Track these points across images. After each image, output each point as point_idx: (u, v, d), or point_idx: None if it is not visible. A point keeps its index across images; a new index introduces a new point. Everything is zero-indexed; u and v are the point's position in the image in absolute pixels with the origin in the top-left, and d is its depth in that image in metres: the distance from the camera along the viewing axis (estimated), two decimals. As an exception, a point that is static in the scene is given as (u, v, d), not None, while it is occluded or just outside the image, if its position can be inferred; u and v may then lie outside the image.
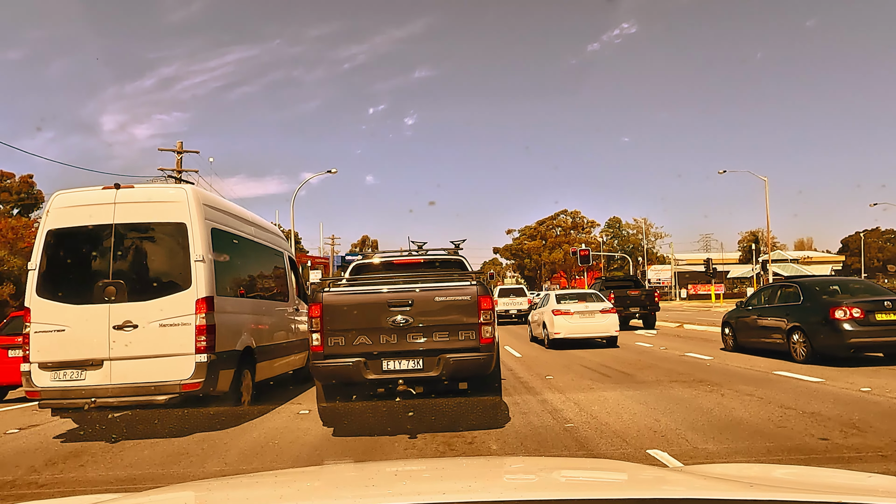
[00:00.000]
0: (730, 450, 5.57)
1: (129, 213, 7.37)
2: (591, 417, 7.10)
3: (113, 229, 7.29)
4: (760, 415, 6.93)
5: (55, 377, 7.06)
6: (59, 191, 7.64)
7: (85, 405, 6.91)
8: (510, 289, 31.45)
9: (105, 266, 7.30)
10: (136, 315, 7.13)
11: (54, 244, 7.41)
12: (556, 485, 1.99)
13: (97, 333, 7.06)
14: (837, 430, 6.07)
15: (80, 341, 7.07)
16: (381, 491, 1.83)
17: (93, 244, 7.46)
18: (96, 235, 7.37)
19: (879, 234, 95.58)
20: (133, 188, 7.67)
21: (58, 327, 7.13)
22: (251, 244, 9.40)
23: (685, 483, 1.92)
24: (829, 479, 2.12)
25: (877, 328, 10.54)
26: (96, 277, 7.26)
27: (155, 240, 7.60)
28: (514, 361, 13.46)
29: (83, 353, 7.05)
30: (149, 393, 7.01)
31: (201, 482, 2.64)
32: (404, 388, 6.32)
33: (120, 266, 7.31)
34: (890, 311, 10.63)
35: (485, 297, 6.38)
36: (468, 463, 3.23)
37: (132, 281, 7.28)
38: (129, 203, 7.40)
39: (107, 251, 7.32)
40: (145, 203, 7.49)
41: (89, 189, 7.61)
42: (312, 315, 6.34)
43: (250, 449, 6.33)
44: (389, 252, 8.87)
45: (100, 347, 7.01)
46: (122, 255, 7.38)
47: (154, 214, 7.46)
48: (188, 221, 7.31)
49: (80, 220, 7.40)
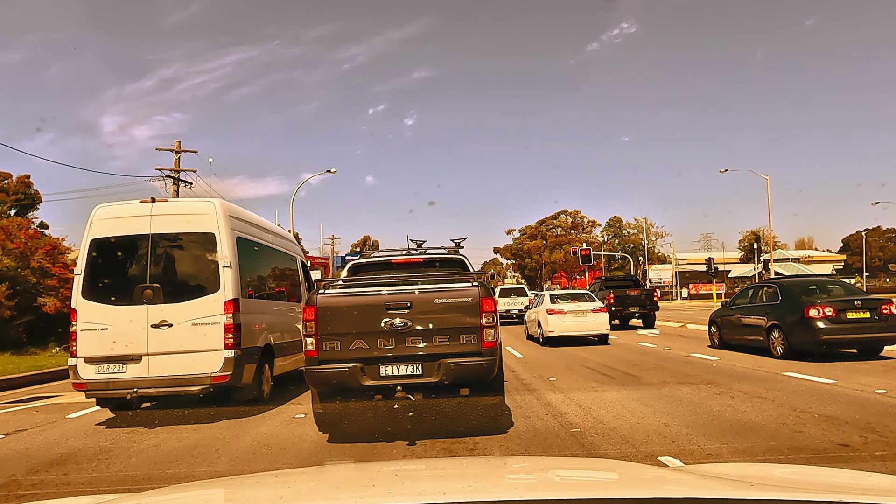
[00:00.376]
0: (745, 457, 5.31)
1: (164, 224, 8.18)
2: (596, 421, 6.83)
3: (149, 239, 8.12)
4: (774, 418, 6.67)
5: (99, 370, 7.87)
6: (100, 203, 8.43)
7: (127, 395, 7.80)
8: (511, 289, 31.33)
9: (143, 271, 8.11)
10: (171, 315, 7.91)
11: (97, 252, 8.18)
12: (557, 485, 1.98)
13: (136, 331, 7.87)
14: (857, 435, 5.80)
15: (121, 338, 7.87)
16: (381, 491, 1.81)
17: (131, 252, 8.28)
18: (135, 244, 8.20)
19: (880, 233, 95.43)
20: (167, 201, 8.63)
21: (101, 326, 7.94)
22: (269, 250, 10.18)
23: (686, 482, 1.91)
24: (830, 479, 2.12)
25: (847, 326, 11.34)
26: (135, 281, 8.06)
27: (187, 248, 8.40)
28: (515, 363, 13.20)
29: (124, 348, 7.84)
30: (183, 384, 7.82)
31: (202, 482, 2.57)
32: (403, 394, 6.04)
33: (156, 271, 8.12)
34: (860, 310, 11.45)
35: (486, 298, 6.09)
36: (469, 463, 3.17)
37: (167, 284, 8.06)
38: (163, 215, 8.22)
39: (144, 258, 8.14)
40: (178, 215, 8.35)
41: (128, 202, 8.47)
42: (306, 318, 6.06)
43: (241, 457, 6.06)
44: (388, 251, 8.60)
45: (139, 344, 7.82)
46: (157, 262, 8.20)
47: (186, 225, 8.28)
48: (216, 231, 8.13)
49: (120, 231, 8.22)
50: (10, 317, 16.93)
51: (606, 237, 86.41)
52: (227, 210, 8.52)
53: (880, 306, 11.58)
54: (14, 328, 17.07)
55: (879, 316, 11.45)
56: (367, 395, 6.26)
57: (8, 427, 8.00)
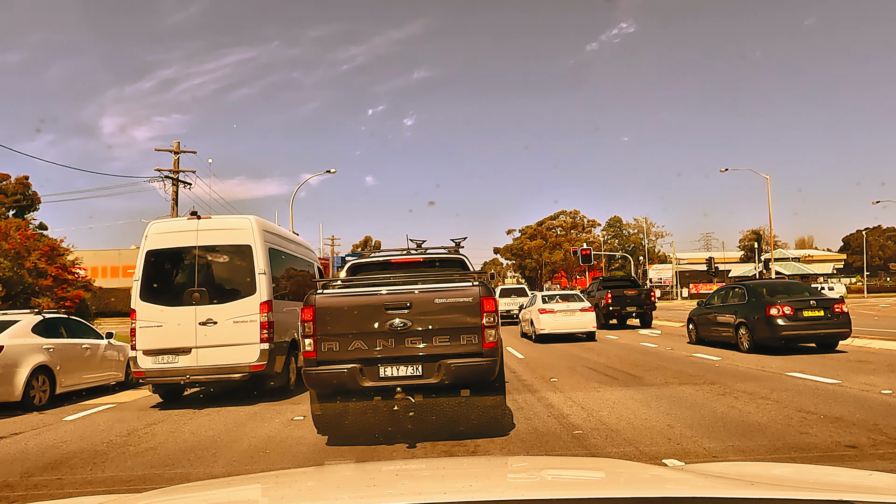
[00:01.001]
0: (750, 459, 5.20)
1: (208, 238, 9.52)
2: (599, 423, 6.74)
3: (196, 250, 9.44)
4: (779, 420, 6.57)
5: (156, 361, 9.16)
6: (154, 220, 9.91)
7: (181, 381, 9.14)
8: (511, 289, 31.33)
9: (191, 277, 9.40)
10: (216, 314, 9.24)
11: (152, 261, 9.49)
12: (558, 484, 1.97)
13: (187, 328, 9.15)
14: (864, 437, 5.71)
15: (173, 334, 9.16)
16: (381, 491, 1.80)
17: (181, 261, 9.61)
18: (184, 254, 9.54)
19: (881, 233, 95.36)
20: (210, 218, 9.87)
21: (156, 324, 9.23)
22: (292, 258, 11.48)
23: (687, 481, 1.91)
24: (830, 477, 2.11)
25: (803, 323, 12.69)
26: (184, 286, 9.37)
27: (228, 257, 9.71)
28: (516, 363, 13.11)
29: (176, 342, 9.14)
30: (226, 372, 9.13)
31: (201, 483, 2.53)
32: (402, 395, 5.94)
33: (202, 277, 9.42)
34: (815, 309, 12.79)
35: (487, 298, 5.99)
36: (470, 463, 3.15)
37: (212, 288, 9.38)
38: (207, 230, 9.53)
39: (192, 266, 9.45)
40: (220, 230, 9.63)
41: (177, 219, 10.35)
42: (304, 319, 5.96)
43: (239, 459, 5.97)
44: (387, 251, 8.52)
45: (189, 338, 9.11)
46: (203, 269, 9.49)
47: (227, 238, 9.60)
48: (252, 244, 9.43)
49: (171, 243, 9.54)
50: None
51: (607, 237, 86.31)
52: (261, 225, 9.87)
53: (833, 306, 12.89)
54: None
55: (832, 314, 12.77)
56: (367, 396, 6.17)
57: (4, 430, 7.91)
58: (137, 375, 9.50)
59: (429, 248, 8.32)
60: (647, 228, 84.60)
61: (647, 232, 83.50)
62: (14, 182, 40.62)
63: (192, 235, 9.46)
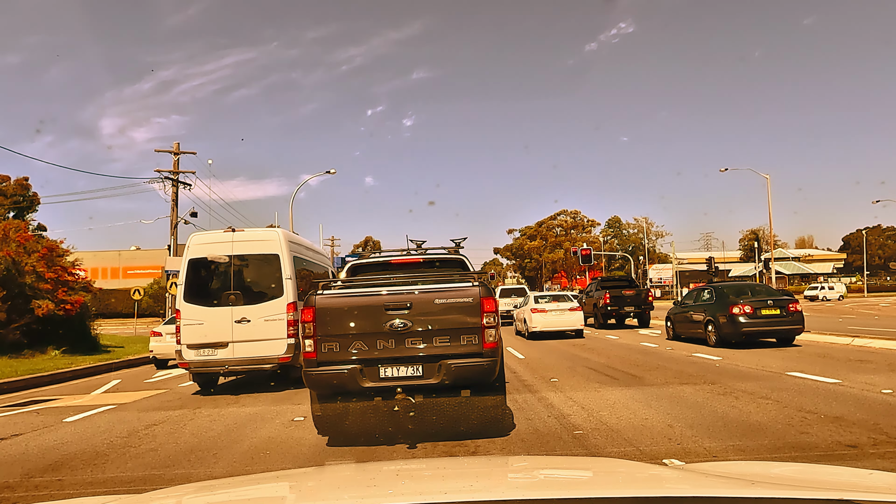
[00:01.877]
0: (751, 459, 5.20)
1: (242, 248, 10.87)
2: (600, 423, 6.74)
3: (232, 258, 10.81)
4: (780, 419, 6.57)
5: (198, 354, 10.48)
6: (195, 233, 11.60)
7: (220, 370, 10.52)
8: (511, 289, 31.39)
9: (227, 282, 10.76)
10: (249, 313, 10.56)
11: (193, 268, 10.83)
12: (558, 484, 1.97)
13: (224, 325, 10.47)
14: (865, 437, 5.70)
15: (213, 330, 10.49)
16: (382, 491, 1.80)
17: (218, 268, 10.95)
18: (221, 262, 10.91)
19: (881, 232, 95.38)
20: (244, 230, 11.21)
21: (198, 322, 10.54)
22: (312, 263, 12.91)
23: (688, 481, 1.92)
24: (831, 476, 2.12)
25: (762, 320, 14.25)
26: (222, 289, 10.74)
27: (258, 265, 10.96)
28: (517, 363, 13.10)
29: (215, 337, 10.48)
30: (259, 363, 10.45)
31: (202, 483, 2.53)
32: (403, 396, 5.94)
33: (237, 282, 10.77)
34: (772, 308, 14.31)
35: (487, 298, 5.98)
36: (470, 462, 3.14)
37: (245, 291, 10.72)
38: (241, 241, 10.90)
39: (228, 272, 10.81)
40: (251, 241, 10.99)
41: (215, 232, 11.46)
42: (304, 319, 5.95)
43: (240, 460, 5.96)
44: (388, 252, 8.51)
45: (226, 334, 10.44)
46: (238, 275, 10.83)
47: (258, 248, 10.93)
48: (280, 253, 10.78)
49: (210, 252, 10.89)
50: (7, 320, 16.83)
51: (607, 237, 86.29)
52: (287, 236, 11.38)
53: (788, 305, 14.37)
54: (11, 331, 16.96)
55: (787, 312, 14.28)
56: (367, 396, 6.16)
57: (4, 431, 7.91)
58: (182, 366, 10.84)
59: (429, 249, 8.31)
60: (647, 228, 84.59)
61: (647, 232, 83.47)
62: (14, 183, 40.60)
63: (228, 246, 10.86)
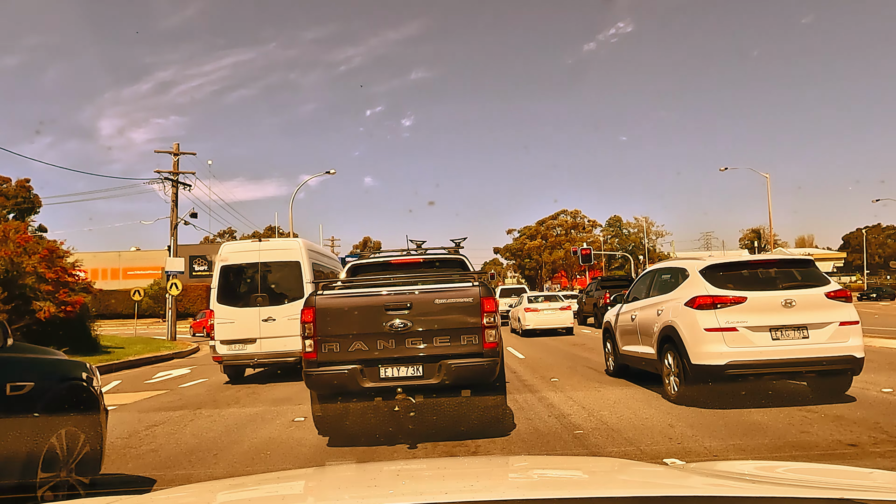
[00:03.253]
0: (752, 458, 5.21)
1: (268, 256, 12.35)
2: (600, 423, 6.74)
3: (259, 265, 12.27)
4: (780, 418, 6.57)
5: (230, 349, 11.98)
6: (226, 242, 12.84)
7: (250, 363, 12.08)
8: (511, 289, 31.47)
9: (255, 285, 12.25)
10: (274, 313, 11.91)
11: (225, 274, 12.32)
12: (559, 483, 1.97)
13: (252, 324, 11.89)
14: (865, 435, 5.71)
15: (242, 328, 11.92)
16: (383, 491, 1.80)
17: (247, 273, 12.41)
18: (249, 268, 12.36)
19: (880, 231, 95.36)
20: (269, 240, 13.34)
21: (229, 321, 12.02)
22: (325, 268, 14.22)
23: (689, 480, 1.91)
24: (831, 475, 2.12)
25: None
26: (251, 292, 12.22)
27: (282, 270, 12.32)
28: (517, 363, 13.10)
29: (245, 334, 11.93)
30: (283, 357, 11.80)
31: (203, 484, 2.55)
32: (403, 396, 5.94)
33: (263, 285, 12.23)
34: None
35: (487, 298, 5.99)
36: (471, 462, 3.14)
37: (271, 294, 12.15)
38: (267, 250, 12.45)
39: (255, 277, 12.30)
40: (276, 249, 12.58)
41: (244, 241, 13.44)
42: (304, 320, 5.95)
43: (240, 461, 5.96)
44: (388, 252, 8.51)
45: (254, 331, 11.85)
46: (264, 279, 12.29)
47: (281, 256, 12.38)
48: (301, 260, 12.23)
49: (240, 260, 12.36)
50: (7, 321, 16.81)
51: (607, 237, 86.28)
52: (307, 245, 12.96)
53: None
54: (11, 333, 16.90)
55: None
56: (368, 397, 6.16)
57: None
58: (216, 360, 12.22)
59: (429, 249, 8.31)
60: (647, 228, 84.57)
61: (647, 231, 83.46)
62: (15, 185, 40.63)
63: (256, 254, 12.34)
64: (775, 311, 7.24)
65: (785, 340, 7.22)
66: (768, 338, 7.22)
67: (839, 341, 7.18)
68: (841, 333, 7.21)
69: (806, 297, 7.34)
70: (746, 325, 7.23)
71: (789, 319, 7.21)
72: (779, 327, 7.23)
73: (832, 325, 7.23)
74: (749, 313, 7.26)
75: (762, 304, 7.29)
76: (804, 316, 7.23)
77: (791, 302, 7.25)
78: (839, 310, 7.32)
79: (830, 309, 7.30)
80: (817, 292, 7.40)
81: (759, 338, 7.21)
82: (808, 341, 7.17)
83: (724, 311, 7.30)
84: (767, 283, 7.69)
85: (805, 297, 7.33)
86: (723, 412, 7.01)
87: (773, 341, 7.22)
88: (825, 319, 7.24)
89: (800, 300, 7.29)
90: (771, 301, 7.30)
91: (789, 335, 7.24)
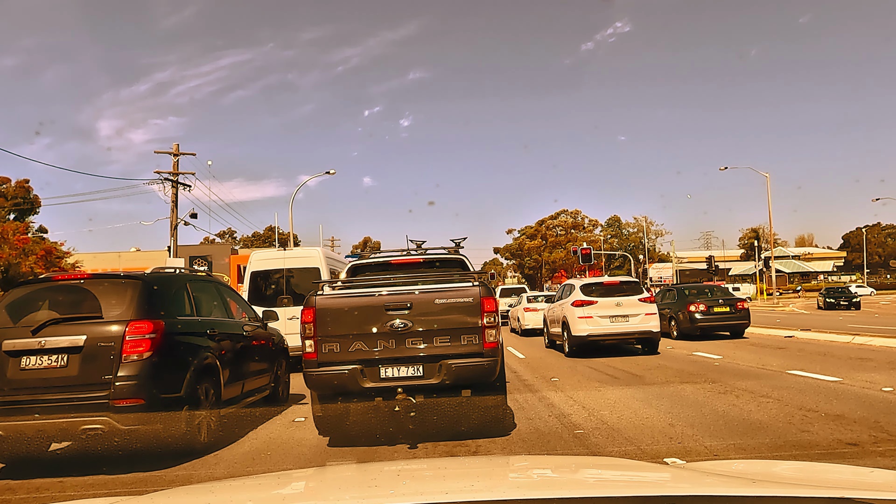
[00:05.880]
0: (752, 457, 5.21)
1: (291, 262, 14.00)
2: (600, 423, 6.74)
3: (284, 271, 13.88)
4: (780, 418, 6.58)
5: None
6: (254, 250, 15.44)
7: None
8: (512, 289, 31.45)
9: (280, 288, 13.77)
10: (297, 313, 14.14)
11: (254, 278, 13.89)
12: (559, 483, 1.97)
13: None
14: (866, 434, 5.71)
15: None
16: (383, 491, 1.80)
17: (273, 278, 13.94)
18: (275, 273, 13.94)
19: (880, 230, 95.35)
20: (293, 249, 15.12)
21: None
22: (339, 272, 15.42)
23: (689, 480, 1.91)
24: (832, 475, 2.11)
25: (714, 316, 17.11)
26: (277, 294, 13.62)
27: (304, 275, 13.58)
28: (517, 363, 13.10)
29: None
30: None
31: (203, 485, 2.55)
32: (403, 396, 5.94)
33: (288, 288, 13.72)
34: (723, 306, 17.22)
35: (488, 298, 5.99)
36: (471, 462, 3.14)
37: (295, 295, 13.30)
38: (290, 257, 14.15)
39: (281, 280, 13.85)
40: (298, 257, 14.24)
41: (271, 249, 15.43)
42: (305, 320, 5.95)
43: (240, 461, 5.96)
44: (387, 252, 8.51)
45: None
46: (288, 283, 13.82)
47: (303, 262, 13.95)
48: (320, 266, 13.67)
49: (267, 266, 14.01)
50: None
51: (607, 236, 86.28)
52: (325, 253, 14.55)
53: (736, 303, 17.37)
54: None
55: (736, 310, 17.18)
56: (368, 397, 6.16)
57: (4, 433, 7.89)
58: None
59: (429, 249, 8.32)
60: (647, 227, 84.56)
61: (646, 231, 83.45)
62: (14, 186, 40.61)
63: (281, 261, 13.97)
64: (612, 307, 13.46)
65: (617, 323, 13.40)
66: (609, 322, 13.39)
67: (645, 324, 13.37)
68: (645, 319, 13.37)
69: (629, 300, 13.53)
70: (598, 315, 13.36)
71: (619, 311, 13.44)
72: (614, 316, 13.41)
73: (641, 315, 13.38)
74: (599, 308, 13.43)
75: (606, 304, 13.46)
76: (627, 310, 13.44)
77: (620, 303, 13.47)
78: (646, 307, 13.49)
79: (641, 306, 13.47)
80: (634, 298, 13.61)
81: (604, 322, 13.38)
82: (628, 323, 13.39)
83: (587, 308, 13.47)
84: (610, 292, 13.84)
85: (628, 300, 13.52)
86: (723, 412, 7.02)
87: (611, 323, 13.40)
88: (637, 312, 13.40)
89: (625, 302, 13.49)
90: (610, 302, 13.54)
91: (619, 320, 13.40)
